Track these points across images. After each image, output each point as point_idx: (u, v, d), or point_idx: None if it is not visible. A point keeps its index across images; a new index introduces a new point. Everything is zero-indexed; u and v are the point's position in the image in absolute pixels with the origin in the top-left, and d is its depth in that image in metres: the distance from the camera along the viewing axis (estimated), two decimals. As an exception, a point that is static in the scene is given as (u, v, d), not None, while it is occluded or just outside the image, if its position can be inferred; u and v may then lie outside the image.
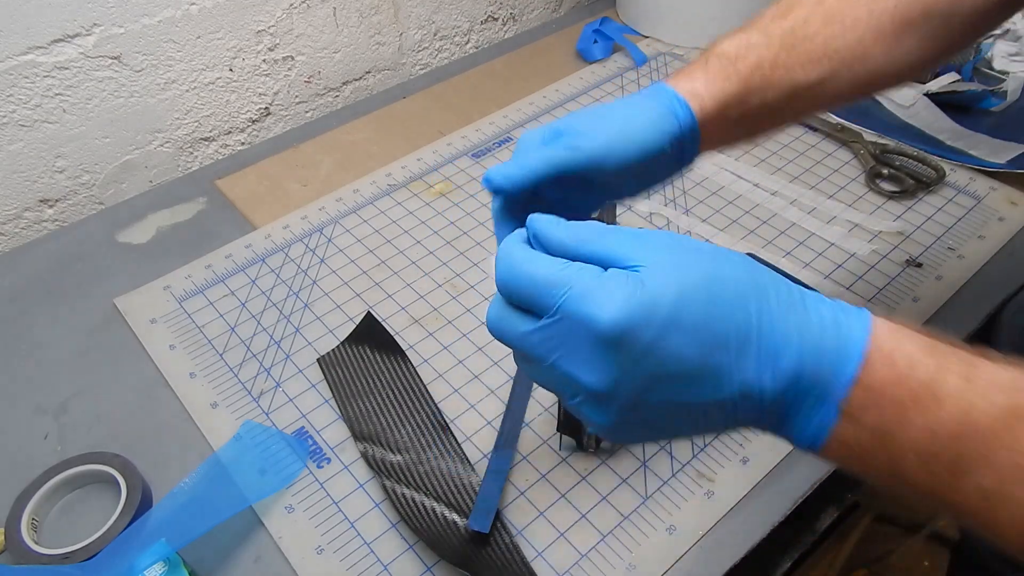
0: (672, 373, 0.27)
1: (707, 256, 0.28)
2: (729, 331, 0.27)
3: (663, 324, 0.26)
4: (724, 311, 0.27)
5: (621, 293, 0.26)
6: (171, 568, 0.47)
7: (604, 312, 0.26)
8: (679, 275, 0.27)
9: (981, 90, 0.87)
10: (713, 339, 0.27)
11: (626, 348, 0.26)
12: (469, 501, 0.52)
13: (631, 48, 1.01)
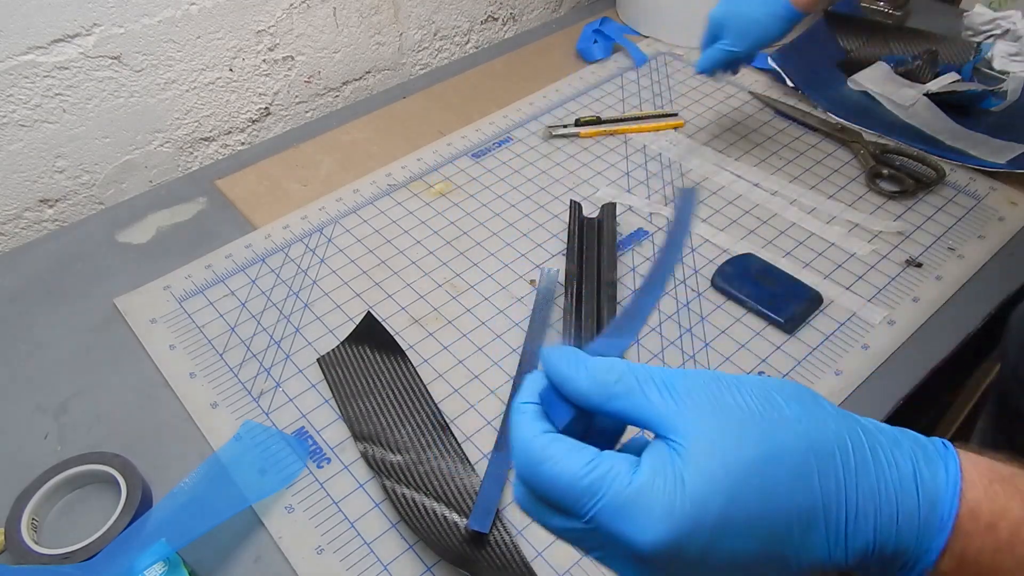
0: (728, 568, 0.23)
1: (757, 420, 0.24)
2: (792, 519, 0.23)
3: (712, 533, 0.22)
4: (783, 499, 0.23)
5: (660, 506, 0.22)
6: (171, 568, 0.47)
7: (644, 535, 0.22)
8: (726, 462, 0.23)
9: (981, 90, 0.88)
10: (772, 533, 0.23)
11: (674, 565, 0.23)
12: (469, 501, 0.52)
13: (631, 48, 1.01)
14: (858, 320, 0.65)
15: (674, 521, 0.22)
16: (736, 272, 0.68)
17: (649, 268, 0.44)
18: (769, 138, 0.86)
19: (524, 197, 0.80)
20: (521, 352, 0.63)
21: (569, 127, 0.88)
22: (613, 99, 0.94)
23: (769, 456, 0.23)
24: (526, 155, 0.85)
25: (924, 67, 0.91)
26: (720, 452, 0.23)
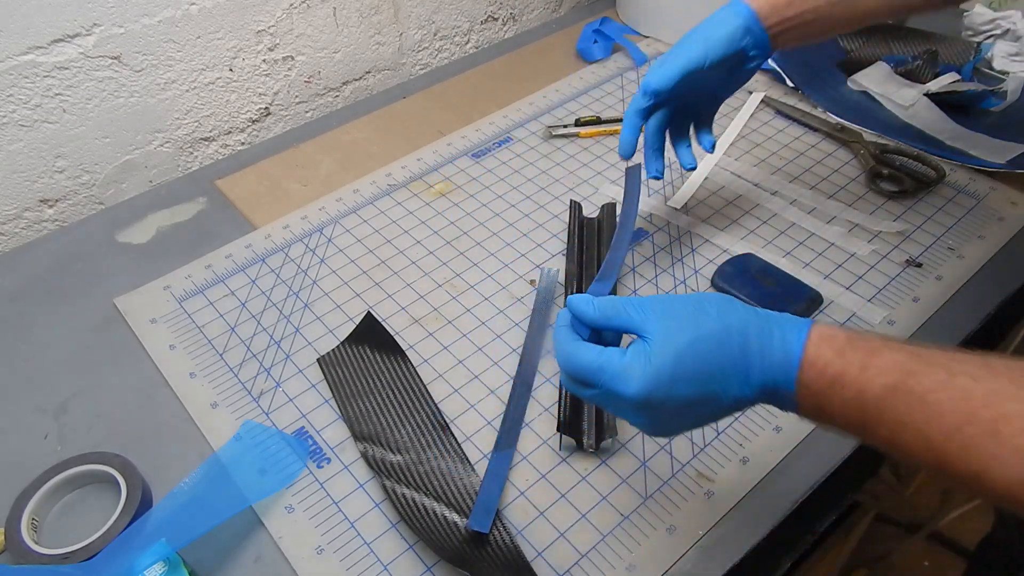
0: (683, 405, 0.39)
1: (691, 318, 0.39)
2: (715, 371, 0.38)
3: (669, 383, 0.38)
4: (708, 360, 0.38)
5: (637, 372, 0.38)
6: (171, 568, 0.47)
7: (630, 389, 0.39)
8: (673, 343, 0.38)
9: (981, 90, 0.87)
10: (705, 380, 0.38)
11: (649, 403, 0.39)
12: (469, 501, 0.52)
13: (631, 48, 1.01)
14: (858, 320, 0.65)
15: (646, 381, 0.38)
16: (736, 272, 0.68)
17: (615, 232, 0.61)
18: (769, 138, 0.86)
19: (524, 197, 0.80)
20: (521, 352, 0.63)
21: (569, 127, 0.88)
22: (613, 99, 0.94)
23: (697, 337, 0.38)
24: (526, 155, 0.85)
25: (924, 67, 0.91)
26: (669, 339, 0.38)
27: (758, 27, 0.57)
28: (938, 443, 0.32)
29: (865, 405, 0.35)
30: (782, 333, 0.38)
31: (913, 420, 0.33)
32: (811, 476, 0.55)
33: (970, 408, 0.32)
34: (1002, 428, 0.31)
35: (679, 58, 0.57)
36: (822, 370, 0.36)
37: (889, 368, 0.34)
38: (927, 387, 0.33)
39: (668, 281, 0.70)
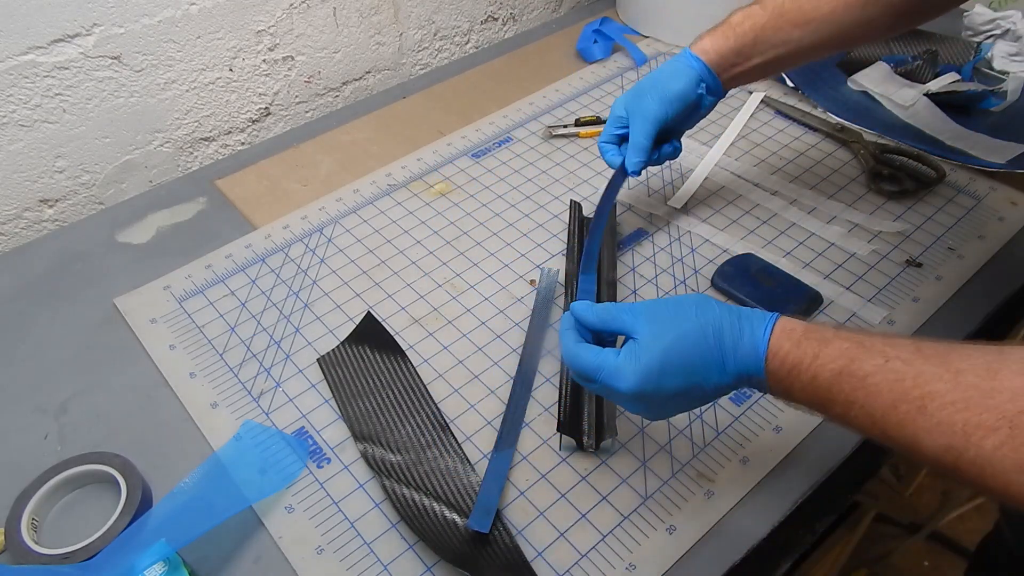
0: (671, 395, 0.44)
1: (673, 319, 0.45)
2: (696, 364, 0.44)
3: (657, 378, 0.44)
4: (689, 355, 0.44)
5: (629, 370, 0.44)
6: (171, 568, 0.47)
7: (624, 385, 0.44)
8: (659, 342, 0.44)
9: (981, 90, 0.87)
10: (688, 373, 0.44)
11: (642, 395, 0.44)
12: (469, 501, 0.52)
13: (631, 48, 1.01)
14: (858, 320, 0.65)
15: (636, 377, 0.44)
16: (736, 272, 0.68)
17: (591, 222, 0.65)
18: (769, 138, 0.86)
19: (524, 197, 0.80)
20: (521, 352, 0.63)
21: (569, 127, 0.88)
22: (613, 99, 0.93)
23: (678, 336, 0.44)
24: (526, 155, 0.85)
25: (924, 67, 0.91)
26: (655, 339, 0.44)
27: (711, 77, 0.63)
28: (879, 419, 0.38)
29: (818, 388, 0.40)
30: (751, 328, 0.43)
31: (857, 400, 0.38)
32: (811, 476, 0.55)
33: (902, 388, 0.37)
34: (927, 404, 0.35)
35: (644, 127, 0.63)
36: (783, 359, 0.42)
37: (836, 356, 0.40)
38: (867, 371, 0.38)
39: (668, 281, 0.70)
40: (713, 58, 0.63)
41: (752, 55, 0.62)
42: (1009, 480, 0.33)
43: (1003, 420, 0.33)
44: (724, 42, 0.62)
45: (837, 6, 0.59)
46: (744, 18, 0.62)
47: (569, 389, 0.57)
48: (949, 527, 1.25)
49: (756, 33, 0.61)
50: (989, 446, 0.33)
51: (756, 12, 0.62)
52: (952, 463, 0.35)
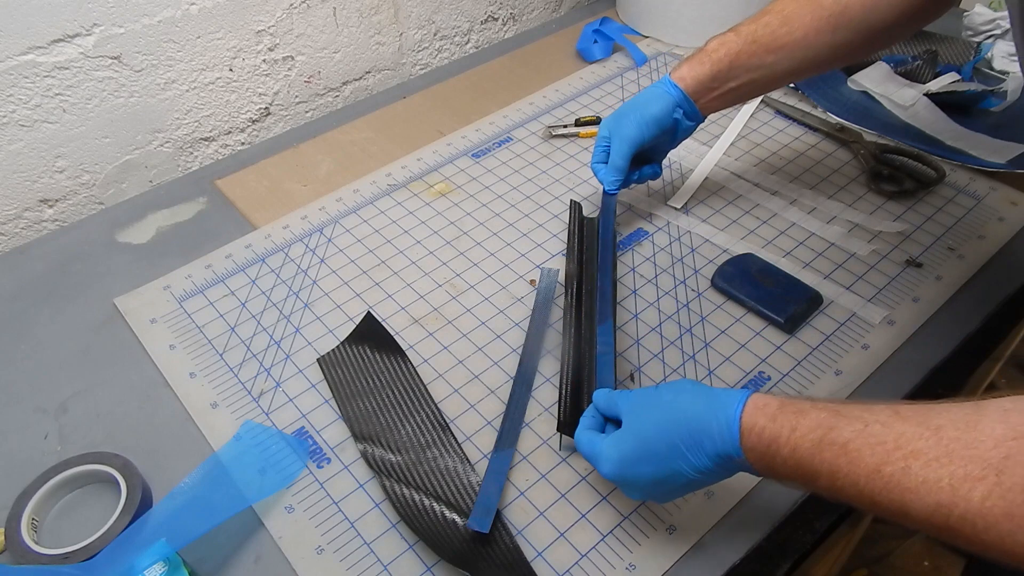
0: (651, 481, 0.46)
1: (650, 407, 0.47)
2: (670, 450, 0.44)
3: (633, 464, 0.46)
4: (664, 441, 0.45)
5: (606, 456, 0.47)
6: (171, 568, 0.47)
7: (604, 470, 0.47)
8: (636, 429, 0.46)
9: (981, 90, 0.87)
10: (663, 459, 0.45)
11: (623, 480, 0.47)
12: (469, 501, 0.52)
13: (631, 48, 1.01)
14: (858, 320, 0.65)
15: (613, 464, 0.47)
16: (736, 272, 0.68)
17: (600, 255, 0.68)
18: (769, 138, 0.86)
19: (524, 197, 0.80)
20: (521, 352, 0.63)
21: (569, 127, 0.88)
22: (613, 99, 0.94)
23: (653, 423, 0.46)
24: (526, 155, 0.85)
25: (924, 67, 0.91)
26: (633, 426, 0.47)
27: (687, 103, 0.66)
28: (864, 485, 0.37)
29: (800, 460, 0.39)
30: (723, 407, 0.43)
31: (840, 468, 0.38)
32: (811, 476, 0.55)
33: (884, 451, 0.36)
34: (911, 464, 0.35)
35: (621, 147, 0.67)
36: (759, 435, 0.41)
37: (814, 426, 0.39)
38: (847, 437, 0.38)
39: (668, 281, 0.70)
40: (690, 84, 0.65)
41: (728, 80, 0.64)
42: (1001, 531, 0.32)
43: (988, 468, 0.33)
44: (700, 68, 0.64)
45: (808, 32, 0.61)
46: (719, 45, 0.64)
47: (569, 389, 0.57)
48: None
49: (731, 59, 0.63)
50: (977, 497, 0.33)
51: (731, 39, 0.64)
52: (944, 522, 0.34)
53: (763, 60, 0.63)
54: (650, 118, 0.66)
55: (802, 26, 0.61)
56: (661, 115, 0.66)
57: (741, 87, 0.65)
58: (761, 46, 0.62)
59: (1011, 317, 0.69)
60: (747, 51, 0.63)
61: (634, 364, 0.62)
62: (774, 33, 0.62)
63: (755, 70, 0.63)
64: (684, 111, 0.66)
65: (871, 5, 0.59)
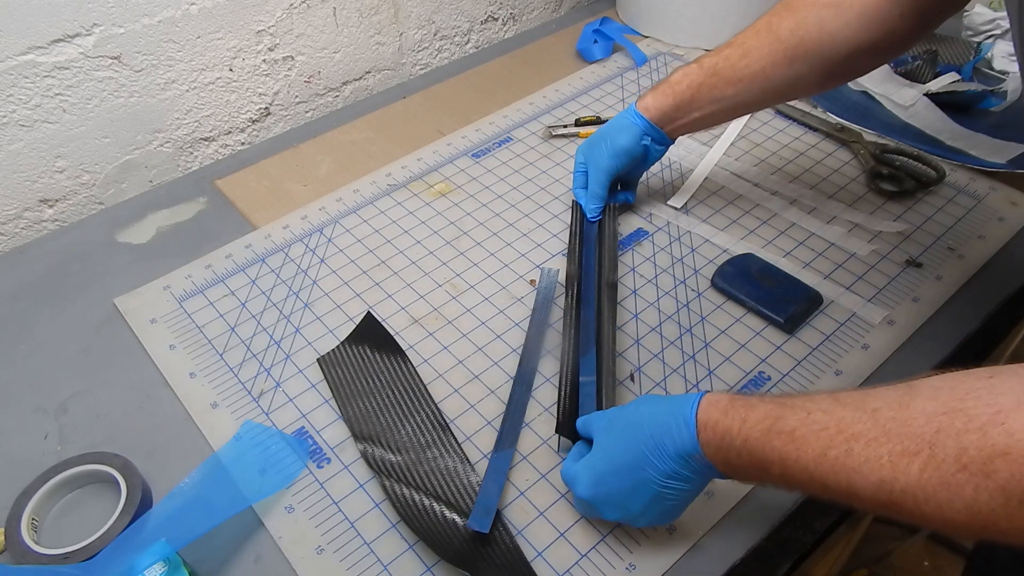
0: (626, 494, 0.47)
1: (615, 421, 0.49)
2: (637, 459, 0.46)
3: (604, 479, 0.48)
4: (630, 451, 0.46)
5: (584, 476, 0.49)
6: (171, 568, 0.47)
7: (578, 491, 0.49)
8: (607, 446, 0.48)
9: (981, 90, 0.87)
10: (631, 468, 0.46)
11: (600, 498, 0.48)
12: (469, 501, 0.52)
13: (631, 48, 1.01)
14: (858, 320, 0.65)
15: (585, 483, 0.49)
16: (736, 272, 0.68)
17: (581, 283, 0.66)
18: (769, 138, 0.86)
19: (524, 197, 0.80)
20: (521, 352, 0.63)
21: (569, 127, 0.88)
22: (613, 99, 0.94)
23: (619, 440, 0.48)
24: (526, 155, 0.85)
25: (924, 67, 0.91)
26: (601, 444, 0.49)
27: (655, 131, 0.69)
28: (813, 469, 0.39)
29: (752, 451, 0.41)
30: (680, 408, 0.45)
31: (789, 455, 0.39)
32: (811, 476, 0.55)
33: (827, 435, 0.38)
34: (853, 446, 0.37)
35: (599, 177, 0.71)
36: (714, 429, 0.43)
37: (762, 417, 0.41)
38: (793, 426, 0.40)
39: (668, 281, 0.70)
40: (654, 115, 0.68)
41: (691, 111, 0.67)
42: (940, 501, 0.34)
43: (923, 443, 0.34)
44: (664, 100, 0.67)
45: (765, 65, 0.62)
46: (683, 76, 0.66)
47: (568, 390, 0.57)
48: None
49: (693, 91, 0.66)
50: (915, 471, 0.34)
51: (693, 70, 0.66)
52: (888, 498, 0.36)
53: (724, 92, 0.64)
54: (621, 148, 0.69)
55: (759, 59, 0.62)
56: (631, 145, 0.69)
57: (705, 117, 0.67)
58: (722, 78, 0.64)
59: (1011, 317, 0.69)
60: (708, 83, 0.65)
61: (634, 364, 0.62)
62: (734, 66, 0.63)
63: (717, 101, 0.65)
64: (652, 138, 0.69)
65: (828, 40, 0.59)
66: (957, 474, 0.33)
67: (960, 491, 0.33)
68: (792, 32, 0.60)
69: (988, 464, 0.32)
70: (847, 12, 0.58)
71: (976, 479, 0.33)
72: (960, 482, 0.33)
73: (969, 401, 0.34)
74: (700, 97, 0.66)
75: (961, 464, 0.33)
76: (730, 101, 0.65)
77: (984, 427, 0.33)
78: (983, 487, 0.32)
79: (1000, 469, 0.32)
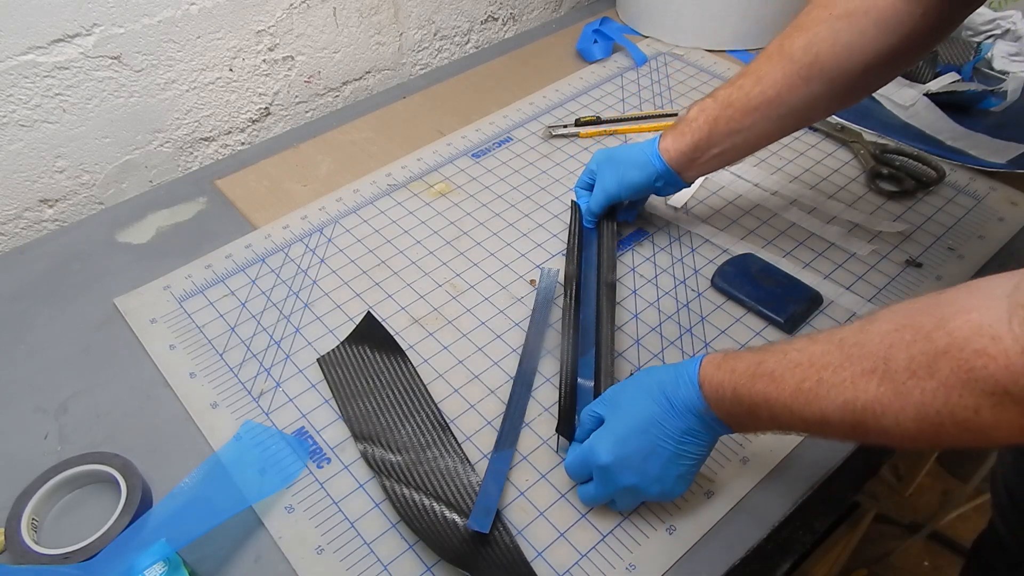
0: (645, 455, 0.48)
1: (625, 391, 0.51)
2: (651, 420, 0.48)
3: (625, 440, 0.49)
4: (644, 413, 0.49)
5: (600, 443, 0.50)
6: (171, 568, 0.47)
7: (602, 458, 0.49)
8: (620, 414, 0.50)
9: (981, 90, 0.88)
10: (648, 427, 0.48)
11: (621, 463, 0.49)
12: (469, 501, 0.52)
13: (631, 48, 1.01)
14: (858, 320, 0.65)
15: (608, 446, 0.49)
16: (736, 272, 0.68)
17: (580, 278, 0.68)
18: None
19: (524, 197, 0.80)
20: (521, 352, 0.63)
21: (569, 127, 0.88)
22: (613, 99, 0.94)
23: (631, 404, 0.50)
24: (526, 155, 0.85)
25: (924, 67, 0.91)
26: (616, 413, 0.51)
27: (670, 175, 0.67)
28: (792, 404, 0.41)
29: (742, 397, 0.44)
30: (685, 369, 0.48)
31: (771, 395, 0.42)
32: (811, 476, 0.55)
33: (801, 371, 0.41)
34: (823, 375, 0.39)
35: (600, 197, 0.71)
36: (710, 382, 0.46)
37: (748, 365, 0.44)
38: (772, 367, 0.42)
39: (668, 281, 0.70)
40: (673, 156, 0.66)
41: (709, 147, 0.64)
42: (895, 411, 0.36)
43: (878, 360, 0.37)
44: (682, 140, 0.65)
45: (780, 89, 0.59)
46: (698, 112, 0.64)
47: (568, 390, 0.57)
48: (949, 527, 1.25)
49: (710, 126, 0.63)
50: (872, 387, 0.37)
51: (708, 105, 0.64)
52: (852, 417, 0.38)
53: (741, 123, 0.62)
54: (631, 183, 0.68)
55: (774, 84, 0.60)
56: (642, 183, 0.68)
57: (724, 152, 0.64)
58: (737, 109, 0.61)
59: (1011, 317, 0.69)
60: (724, 116, 0.62)
61: (634, 364, 0.62)
62: (748, 95, 0.61)
63: (735, 134, 0.63)
64: (665, 181, 0.67)
65: (844, 53, 0.57)
66: (907, 381, 0.35)
67: (910, 397, 0.35)
68: (805, 50, 0.58)
69: (932, 365, 0.34)
70: (862, 20, 0.55)
71: (922, 382, 0.35)
72: (909, 388, 0.35)
73: (918, 316, 0.36)
74: (717, 131, 0.63)
75: (910, 371, 0.35)
76: (749, 132, 0.62)
77: (930, 334, 0.35)
78: (928, 389, 0.34)
79: (942, 367, 0.34)
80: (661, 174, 0.67)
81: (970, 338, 0.33)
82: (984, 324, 0.33)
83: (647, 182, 0.67)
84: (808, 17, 0.58)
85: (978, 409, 0.33)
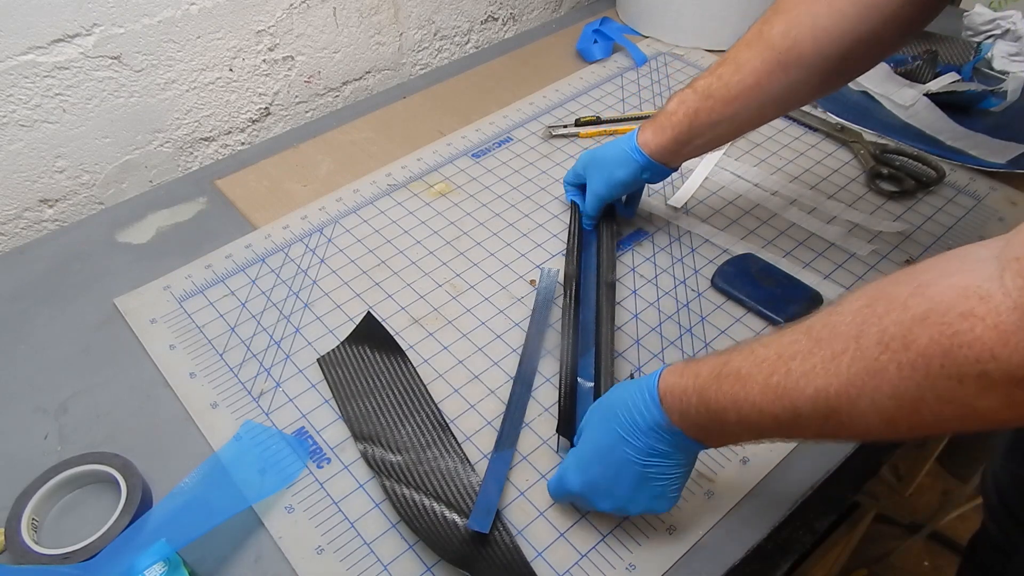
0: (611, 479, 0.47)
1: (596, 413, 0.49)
2: (615, 440, 0.46)
3: (588, 467, 0.48)
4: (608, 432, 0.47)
5: (571, 470, 0.50)
6: (171, 568, 0.47)
7: (570, 485, 0.49)
8: (588, 436, 0.49)
9: (981, 90, 0.88)
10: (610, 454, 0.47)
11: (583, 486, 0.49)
12: (469, 501, 0.52)
13: (631, 48, 1.01)
14: (858, 320, 0.65)
15: (577, 475, 0.49)
16: (736, 272, 0.68)
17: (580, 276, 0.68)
18: (769, 138, 0.86)
19: (524, 197, 0.80)
20: (521, 352, 0.63)
21: (569, 127, 0.88)
22: (613, 99, 0.94)
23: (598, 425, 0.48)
24: (526, 155, 0.85)
25: (924, 67, 0.91)
26: (585, 437, 0.50)
27: (654, 166, 0.67)
28: (760, 403, 0.38)
29: (708, 403, 0.41)
30: (645, 382, 0.46)
31: (738, 395, 0.39)
32: (811, 476, 0.55)
33: (769, 365, 0.38)
34: (792, 366, 0.37)
35: (592, 201, 0.71)
36: (672, 392, 0.43)
37: (712, 367, 0.42)
38: (739, 365, 0.40)
39: (668, 281, 0.70)
40: (653, 149, 0.66)
41: (690, 139, 0.64)
42: (870, 393, 0.33)
43: (849, 340, 0.34)
44: (662, 134, 0.65)
45: (760, 77, 0.59)
46: (678, 104, 0.63)
47: (568, 390, 0.57)
48: (949, 527, 1.25)
49: (690, 119, 0.63)
50: (844, 368, 0.34)
51: (688, 96, 0.63)
52: (825, 405, 0.35)
53: (722, 113, 0.61)
54: (618, 181, 0.68)
55: (753, 71, 0.59)
56: (628, 179, 0.68)
57: (707, 142, 0.64)
58: (717, 100, 0.61)
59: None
60: (705, 108, 0.62)
61: (634, 364, 0.62)
62: (727, 84, 0.60)
63: (717, 124, 0.62)
64: (651, 172, 0.67)
65: (823, 37, 0.56)
66: (880, 357, 0.32)
67: (884, 374, 0.32)
68: (784, 35, 0.57)
69: (907, 335, 0.31)
70: (841, 2, 0.54)
71: (897, 355, 0.31)
72: (883, 364, 0.32)
73: (890, 287, 0.34)
74: (698, 123, 0.63)
75: (883, 345, 0.32)
76: (730, 122, 0.62)
77: (905, 302, 0.32)
78: (905, 362, 0.31)
79: (919, 336, 0.31)
80: (645, 166, 0.67)
81: (954, 302, 0.30)
82: (971, 285, 0.30)
83: (634, 177, 0.67)
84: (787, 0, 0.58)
85: (962, 379, 0.30)
